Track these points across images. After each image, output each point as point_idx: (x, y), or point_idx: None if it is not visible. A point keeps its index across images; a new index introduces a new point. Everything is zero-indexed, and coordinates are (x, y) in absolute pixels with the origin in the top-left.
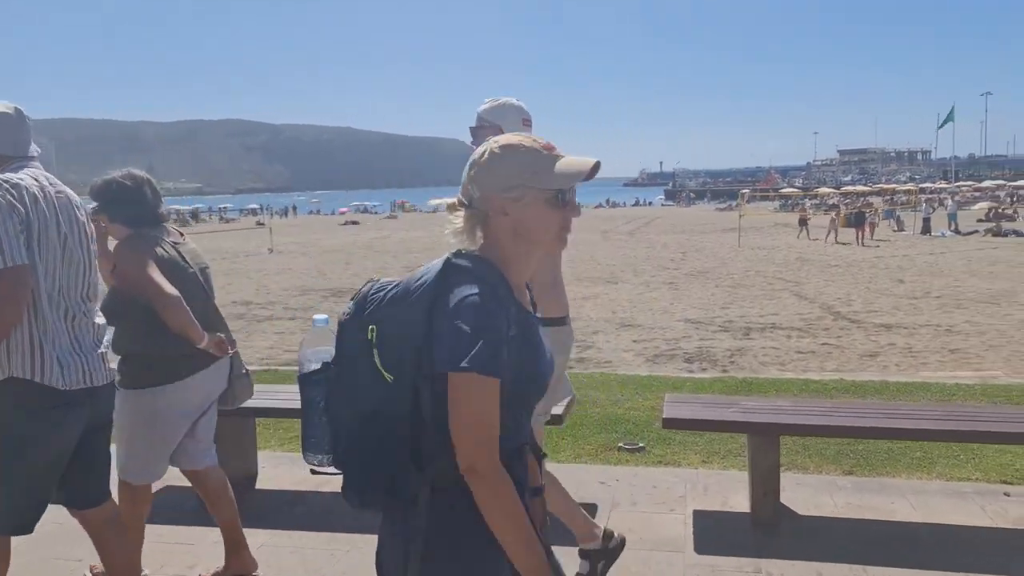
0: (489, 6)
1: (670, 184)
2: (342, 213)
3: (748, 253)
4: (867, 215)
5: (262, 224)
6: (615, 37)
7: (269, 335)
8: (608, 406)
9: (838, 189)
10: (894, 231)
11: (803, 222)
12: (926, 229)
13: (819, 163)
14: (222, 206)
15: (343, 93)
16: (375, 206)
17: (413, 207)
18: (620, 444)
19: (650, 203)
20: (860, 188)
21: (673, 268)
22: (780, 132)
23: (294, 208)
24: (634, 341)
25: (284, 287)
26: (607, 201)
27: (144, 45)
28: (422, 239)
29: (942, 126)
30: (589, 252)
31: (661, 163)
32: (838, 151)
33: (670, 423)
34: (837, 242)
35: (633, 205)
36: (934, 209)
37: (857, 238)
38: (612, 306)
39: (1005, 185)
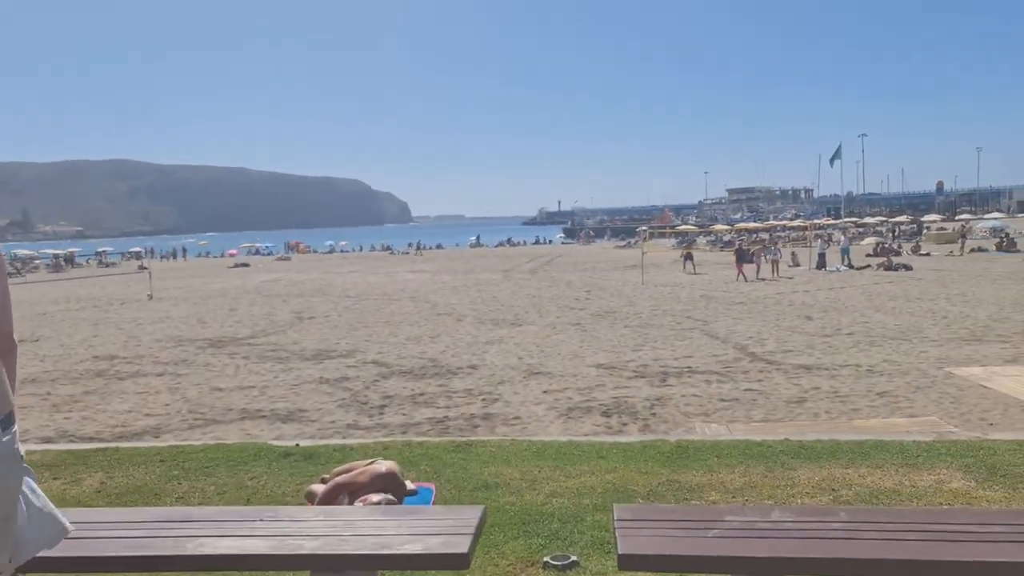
0: (385, 52)
1: (569, 222)
2: (231, 255)
3: (652, 291)
4: (773, 250)
5: (144, 268)
6: (508, 84)
7: (129, 396)
8: (524, 491)
9: (732, 227)
10: (790, 266)
11: (688, 257)
12: (821, 264)
13: (710, 202)
14: (102, 249)
15: (236, 133)
16: (268, 247)
17: (308, 248)
18: (546, 558)
19: (550, 241)
20: (752, 225)
21: (579, 308)
22: (672, 172)
23: (183, 251)
24: (544, 392)
25: (157, 338)
26: (508, 240)
27: (21, 83)
28: (315, 281)
29: (832, 162)
30: (491, 292)
31: (559, 202)
32: (727, 190)
33: (630, 563)
34: (758, 278)
35: (534, 243)
36: (828, 245)
37: (738, 273)
38: (518, 351)
39: (886, 221)
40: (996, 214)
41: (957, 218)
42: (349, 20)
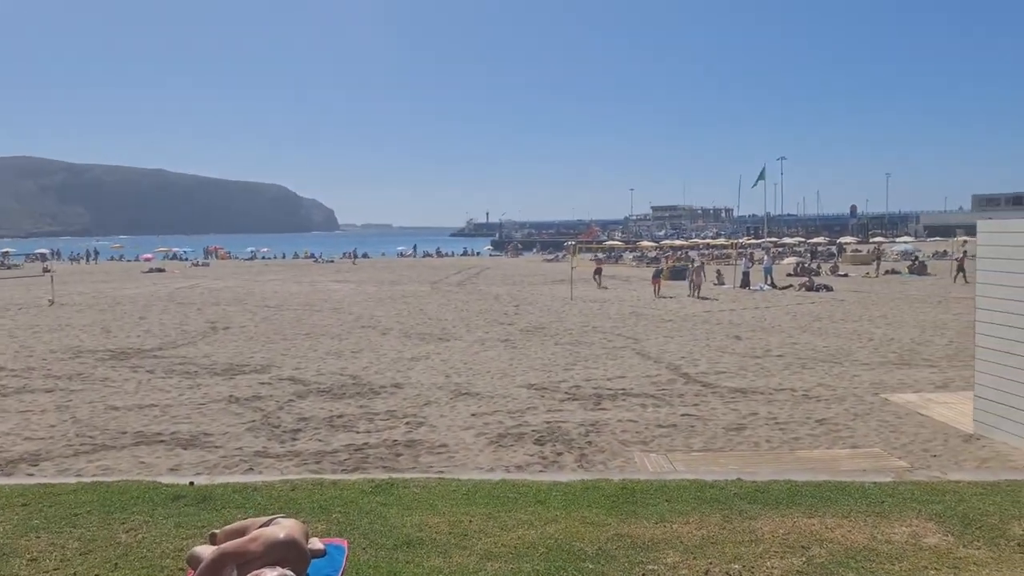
0: (308, 56)
1: (497, 234)
2: (146, 259)
3: (581, 306)
4: (699, 267)
5: (49, 271)
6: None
7: (10, 415)
8: (453, 550)
9: (658, 243)
10: (715, 285)
11: (598, 272)
12: (745, 283)
13: (636, 218)
14: (4, 250)
15: (153, 134)
16: (186, 252)
17: (228, 254)
18: None
19: (478, 253)
20: (678, 242)
21: (508, 323)
22: (599, 187)
23: (95, 253)
24: (473, 415)
25: (53, 348)
26: (437, 251)
27: None
28: (233, 289)
29: (756, 183)
30: (418, 305)
31: (487, 213)
32: (652, 207)
33: None
34: (694, 296)
35: (462, 255)
36: (752, 264)
37: (655, 290)
38: (445, 368)
39: (804, 242)
40: (907, 238)
41: (871, 240)
42: (271, 20)
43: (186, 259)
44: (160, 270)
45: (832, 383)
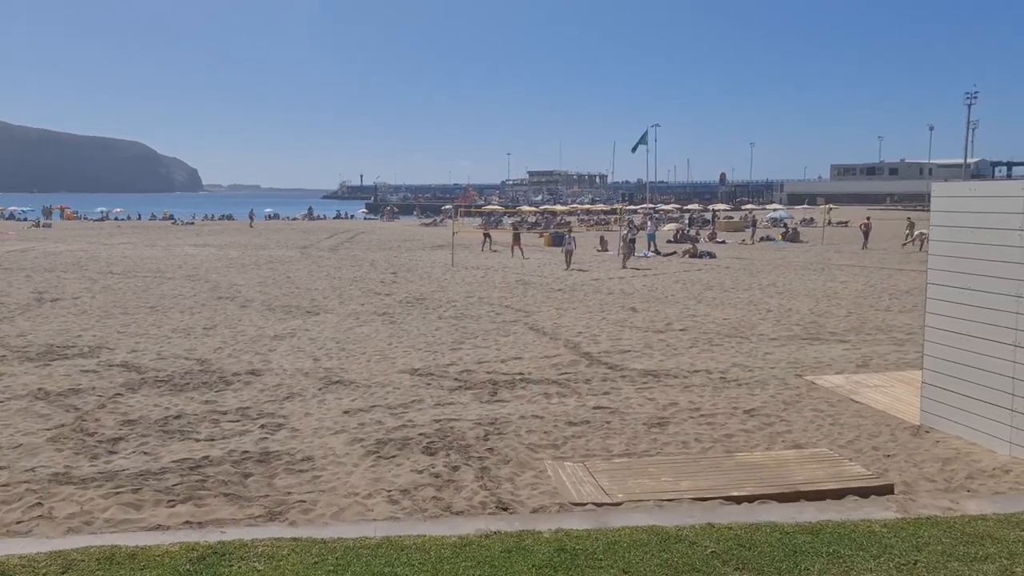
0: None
1: (372, 198)
2: None
3: (464, 274)
4: (568, 239)
5: None
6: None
7: None
8: None
9: (538, 208)
10: (598, 251)
11: (487, 236)
12: (631, 251)
13: (512, 183)
14: None
15: None
16: (24, 212)
17: (76, 214)
18: None
19: (352, 216)
20: (558, 208)
21: (385, 293)
22: (475, 152)
23: None
24: (345, 412)
25: None
26: (309, 212)
27: None
28: (75, 253)
29: (636, 148)
30: (286, 272)
31: (361, 176)
32: (528, 172)
33: None
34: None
35: (335, 218)
36: (637, 231)
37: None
38: (313, 349)
39: (679, 208)
40: (777, 205)
41: (742, 208)
42: None
43: (24, 219)
44: None
45: (746, 362)
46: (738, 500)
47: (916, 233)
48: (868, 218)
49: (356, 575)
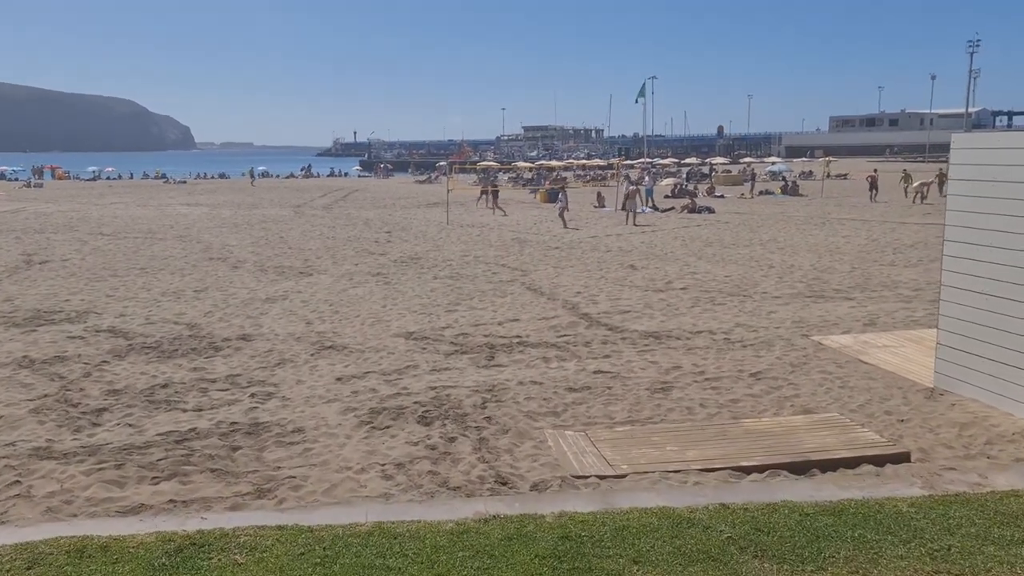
0: None
1: (366, 155)
2: None
3: (460, 232)
4: (561, 197)
5: None
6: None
7: None
8: None
9: (534, 164)
10: (595, 207)
11: (484, 193)
12: (633, 206)
13: (507, 138)
14: None
15: None
16: (15, 171)
17: (67, 173)
18: None
19: (346, 173)
20: (554, 163)
21: (379, 253)
22: (470, 107)
23: None
24: (338, 379)
25: None
26: (307, 168)
27: None
28: (66, 213)
29: (637, 100)
30: (279, 232)
31: (355, 133)
32: (523, 127)
33: None
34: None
35: (328, 175)
36: (634, 187)
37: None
38: (306, 312)
39: (677, 163)
40: (775, 158)
41: (741, 161)
42: None
43: (15, 179)
44: None
45: (750, 322)
46: (747, 470)
47: (916, 184)
48: (875, 170)
49: (345, 568)
